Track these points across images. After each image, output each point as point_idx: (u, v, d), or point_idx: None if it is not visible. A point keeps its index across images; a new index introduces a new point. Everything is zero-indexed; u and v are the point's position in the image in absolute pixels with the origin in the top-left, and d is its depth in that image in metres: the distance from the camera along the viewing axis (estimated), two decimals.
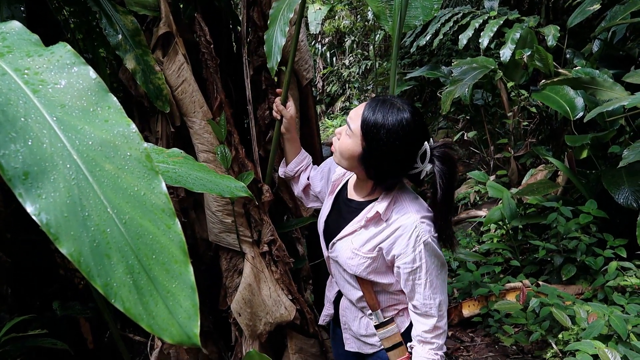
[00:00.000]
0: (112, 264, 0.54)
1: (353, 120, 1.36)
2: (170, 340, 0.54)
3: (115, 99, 0.65)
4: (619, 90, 3.13)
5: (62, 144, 0.60)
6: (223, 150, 1.69)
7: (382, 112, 1.31)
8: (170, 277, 0.56)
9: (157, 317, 0.54)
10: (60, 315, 2.16)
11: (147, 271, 0.56)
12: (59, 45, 0.71)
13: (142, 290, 0.55)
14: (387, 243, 1.39)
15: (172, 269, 0.57)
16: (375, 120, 1.30)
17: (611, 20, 3.69)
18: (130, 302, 0.54)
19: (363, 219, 1.43)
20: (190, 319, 0.55)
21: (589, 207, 3.16)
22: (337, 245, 1.48)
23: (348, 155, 1.38)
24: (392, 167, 1.36)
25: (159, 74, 1.75)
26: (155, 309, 0.54)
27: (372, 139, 1.31)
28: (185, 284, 0.56)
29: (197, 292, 0.58)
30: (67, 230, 0.54)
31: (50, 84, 0.66)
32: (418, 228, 1.35)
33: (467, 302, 3.25)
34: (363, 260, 1.42)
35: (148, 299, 0.55)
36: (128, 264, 0.55)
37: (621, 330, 2.28)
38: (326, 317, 1.73)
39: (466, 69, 3.95)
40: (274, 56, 1.66)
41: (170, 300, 0.55)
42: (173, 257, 0.57)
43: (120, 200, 0.58)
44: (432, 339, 1.42)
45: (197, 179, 0.97)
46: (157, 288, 0.55)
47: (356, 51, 9.17)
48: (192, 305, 0.55)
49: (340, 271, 1.53)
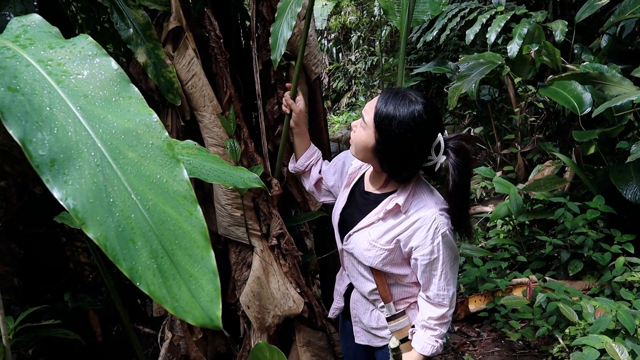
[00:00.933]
0: (137, 249, 0.56)
1: (367, 112, 1.37)
2: (193, 322, 0.55)
3: (136, 90, 0.67)
4: (628, 86, 3.12)
5: (86, 133, 0.61)
6: (232, 144, 1.70)
7: (394, 104, 1.32)
8: (193, 261, 0.58)
9: (181, 299, 0.56)
10: (71, 308, 2.19)
11: (170, 255, 0.57)
12: (81, 37, 0.72)
13: (165, 274, 0.56)
14: (406, 235, 1.41)
15: (194, 253, 0.58)
16: (387, 112, 1.31)
17: (620, 15, 3.67)
18: (154, 285, 0.55)
19: (382, 211, 1.44)
20: (213, 302, 0.56)
21: (597, 203, 3.15)
22: (354, 237, 1.49)
23: (362, 147, 1.40)
24: (405, 159, 1.37)
25: (170, 67, 1.77)
26: (178, 292, 0.56)
27: (385, 131, 1.32)
28: (207, 268, 0.58)
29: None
30: (93, 215, 0.56)
31: (73, 74, 0.68)
32: (437, 220, 1.37)
33: (473, 297, 3.26)
34: (380, 252, 1.43)
35: (171, 282, 0.56)
36: (152, 249, 0.57)
37: (629, 325, 2.28)
38: (336, 310, 1.74)
39: (473, 64, 3.94)
40: (278, 48, 1.68)
41: (193, 284, 0.57)
42: (195, 242, 0.59)
43: (143, 187, 0.60)
44: (436, 325, 1.45)
45: (212, 170, 0.99)
46: (180, 272, 0.57)
47: (362, 47, 9.15)
48: (214, 288, 0.57)
49: (354, 264, 1.54)
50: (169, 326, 1.88)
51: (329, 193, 1.78)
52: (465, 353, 2.95)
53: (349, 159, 1.67)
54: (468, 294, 3.36)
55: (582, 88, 3.43)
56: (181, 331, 1.88)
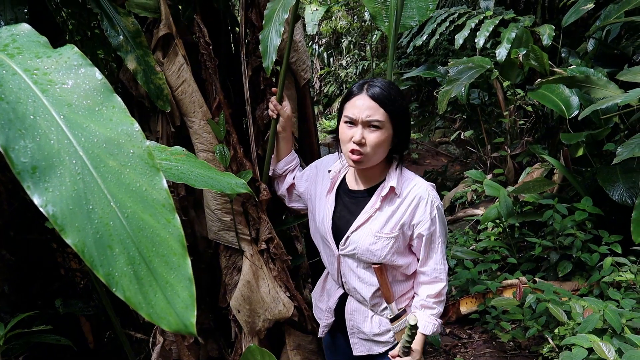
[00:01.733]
0: (114, 255, 0.58)
1: (372, 115, 1.39)
2: (167, 328, 0.57)
3: (119, 99, 0.68)
4: (613, 89, 3.17)
5: (68, 141, 0.63)
6: (222, 149, 1.72)
7: (384, 88, 1.40)
8: (169, 268, 0.59)
9: (156, 306, 0.57)
10: (62, 314, 2.19)
11: (147, 262, 0.59)
12: (67, 47, 0.74)
13: (142, 281, 0.58)
14: (407, 216, 1.46)
15: (171, 261, 0.60)
16: (390, 96, 1.40)
17: (605, 19, 3.72)
18: (130, 291, 0.57)
19: (377, 201, 1.48)
20: (187, 309, 0.58)
21: (585, 204, 3.19)
22: (353, 237, 1.50)
23: (385, 145, 1.44)
24: (409, 124, 1.52)
25: (160, 74, 1.78)
26: (154, 298, 0.58)
27: (397, 113, 1.42)
28: (183, 275, 0.60)
29: (195, 285, 0.61)
30: (73, 221, 0.57)
31: (58, 84, 0.69)
32: (431, 194, 1.47)
33: (464, 300, 3.28)
34: (387, 242, 1.46)
35: (147, 288, 0.58)
36: (129, 255, 0.58)
37: (615, 324, 2.31)
38: (325, 328, 1.72)
39: (462, 68, 3.99)
40: (269, 56, 1.70)
41: (169, 291, 0.59)
42: (172, 249, 0.60)
43: (123, 195, 0.61)
44: (434, 304, 1.50)
45: (199, 175, 1.00)
46: (156, 279, 0.59)
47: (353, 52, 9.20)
48: (190, 295, 0.59)
49: (354, 267, 1.54)
50: (160, 330, 1.89)
51: (299, 198, 1.81)
52: (457, 355, 2.97)
53: (322, 169, 1.69)
54: (459, 296, 3.38)
55: (569, 91, 3.47)
56: (172, 335, 1.89)
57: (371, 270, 1.51)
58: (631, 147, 2.82)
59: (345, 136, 1.44)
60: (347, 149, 1.44)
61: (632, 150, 2.79)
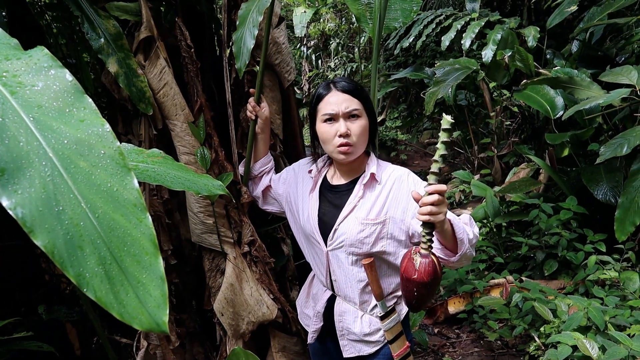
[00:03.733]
0: (85, 255, 0.57)
1: (350, 105, 1.47)
2: (140, 328, 0.57)
3: (90, 100, 0.68)
4: (596, 89, 3.21)
5: (38, 143, 0.62)
6: (202, 152, 1.72)
7: (349, 82, 1.51)
8: (141, 268, 0.59)
9: (128, 305, 0.57)
10: (46, 320, 2.17)
11: (118, 262, 0.59)
12: (37, 49, 0.73)
13: (113, 280, 0.58)
14: (391, 199, 1.49)
15: (142, 260, 0.60)
16: (357, 87, 1.50)
17: (589, 21, 3.78)
18: (101, 292, 0.57)
19: (360, 190, 1.51)
20: (160, 308, 0.58)
21: (570, 204, 3.23)
22: (340, 229, 1.51)
23: (366, 132, 1.51)
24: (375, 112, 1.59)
25: (142, 76, 1.77)
26: (125, 298, 0.57)
27: (366, 101, 1.51)
28: (155, 274, 0.60)
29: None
30: (42, 223, 0.57)
31: (28, 86, 0.69)
32: (411, 174, 1.52)
33: (452, 299, 3.30)
34: (374, 228, 1.47)
35: (119, 288, 0.58)
36: (100, 256, 0.58)
37: (599, 322, 2.34)
38: (314, 333, 1.70)
39: (449, 70, 4.02)
40: (242, 57, 1.71)
41: (141, 290, 0.58)
42: (144, 249, 0.60)
43: (93, 195, 0.61)
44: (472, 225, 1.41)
45: (176, 177, 1.00)
46: (128, 278, 0.58)
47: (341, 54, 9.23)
48: (162, 294, 0.59)
49: (344, 262, 1.53)
50: (144, 335, 1.88)
51: (274, 201, 1.82)
52: (445, 354, 2.98)
53: (301, 171, 1.71)
54: (447, 296, 3.40)
55: (554, 92, 3.52)
56: (157, 340, 1.88)
57: (360, 266, 1.52)
58: (614, 146, 2.86)
59: (328, 134, 1.48)
60: (334, 145, 1.47)
61: (614, 150, 2.83)
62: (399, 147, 7.39)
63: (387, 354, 1.58)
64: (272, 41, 1.95)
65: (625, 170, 3.12)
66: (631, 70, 2.91)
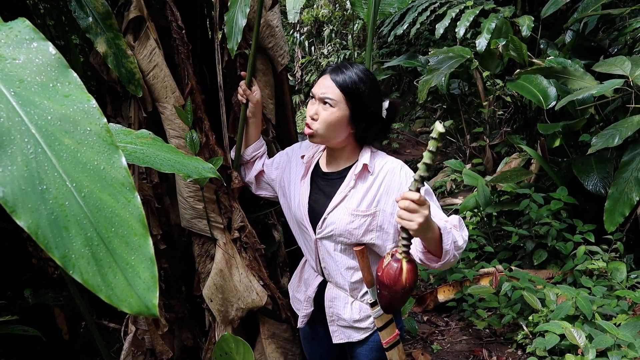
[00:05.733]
0: (71, 236, 0.55)
1: (328, 92, 1.44)
2: (129, 311, 0.55)
3: (75, 75, 0.65)
4: (589, 80, 3.21)
5: (20, 119, 0.59)
6: (191, 135, 1.68)
7: (349, 71, 1.44)
8: (130, 249, 0.57)
9: (116, 288, 0.55)
10: (32, 304, 2.13)
11: (106, 243, 0.56)
12: (18, 21, 0.70)
13: (100, 262, 0.55)
14: (382, 191, 1.47)
15: (131, 241, 0.57)
16: (351, 79, 1.43)
17: (583, 12, 3.77)
18: (88, 274, 0.54)
19: (351, 179, 1.49)
20: (149, 290, 0.56)
21: (560, 194, 3.24)
22: (330, 219, 1.50)
23: (337, 124, 1.45)
24: (376, 113, 1.48)
25: (131, 57, 1.73)
26: (114, 280, 0.55)
27: (356, 95, 1.43)
28: (144, 256, 0.57)
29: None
30: (25, 203, 0.54)
31: (9, 59, 0.65)
32: (403, 167, 1.49)
33: (442, 288, 3.32)
34: (363, 220, 1.46)
35: (107, 270, 0.55)
36: (87, 236, 0.56)
37: (587, 311, 2.37)
38: (305, 317, 1.70)
39: (442, 58, 3.99)
40: (234, 37, 1.68)
41: (129, 272, 0.56)
42: (132, 229, 0.58)
43: (79, 174, 0.58)
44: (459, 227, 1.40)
45: (165, 159, 0.97)
46: (116, 260, 0.56)
47: (335, 40, 9.15)
48: (151, 276, 0.56)
49: (333, 251, 1.53)
50: (132, 319, 1.86)
51: (267, 186, 1.80)
52: (434, 342, 3.00)
53: (294, 155, 1.69)
54: (437, 284, 3.42)
55: (547, 82, 3.51)
56: (145, 325, 1.86)
57: (350, 253, 1.51)
58: (605, 137, 2.87)
59: (306, 112, 1.51)
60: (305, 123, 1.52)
61: (606, 141, 2.84)
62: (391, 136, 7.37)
63: (376, 341, 1.58)
64: (265, 24, 1.91)
65: (616, 162, 3.14)
66: (625, 61, 2.91)
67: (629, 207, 2.80)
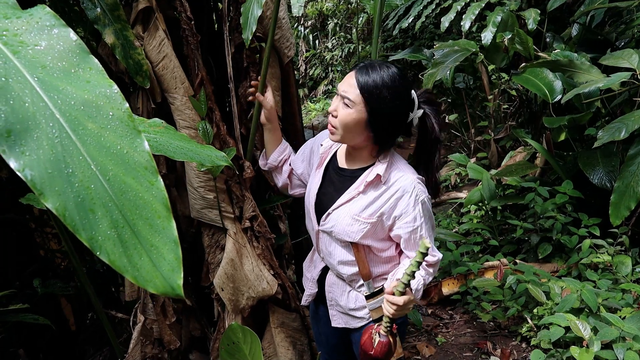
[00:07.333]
0: (97, 219, 0.56)
1: (349, 91, 1.39)
2: (154, 291, 0.56)
3: (96, 61, 0.66)
4: (596, 73, 3.20)
5: (44, 104, 0.60)
6: (204, 126, 1.69)
7: (375, 74, 1.36)
8: (154, 231, 0.58)
9: (142, 269, 0.56)
10: (40, 294, 2.15)
11: (130, 225, 0.57)
12: (38, 7, 0.71)
13: (126, 244, 0.56)
14: (388, 206, 1.45)
15: (155, 223, 0.58)
16: (374, 83, 1.36)
17: (589, 5, 3.74)
18: (115, 255, 0.55)
19: (362, 185, 1.47)
20: (174, 271, 0.57)
21: (565, 188, 3.24)
22: (333, 215, 1.50)
23: (353, 125, 1.41)
24: (397, 121, 1.43)
25: (139, 49, 1.74)
26: (139, 261, 0.56)
27: (376, 100, 1.37)
28: (168, 237, 0.58)
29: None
30: (52, 185, 0.55)
31: (30, 45, 0.66)
32: (416, 189, 1.44)
33: (446, 281, 3.32)
34: (363, 226, 1.46)
35: (132, 251, 0.56)
36: (112, 219, 0.57)
37: (592, 303, 2.37)
38: (309, 297, 1.73)
39: (448, 51, 3.97)
40: (249, 27, 1.67)
41: (154, 254, 0.57)
42: (156, 212, 0.59)
43: (103, 157, 0.59)
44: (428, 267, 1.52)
45: (178, 147, 0.98)
46: (140, 242, 0.57)
47: (339, 34, 9.13)
48: (175, 258, 0.57)
49: (331, 244, 1.54)
50: (141, 309, 1.87)
51: (300, 182, 1.78)
52: (439, 335, 3.02)
53: (316, 144, 1.68)
54: (441, 277, 3.42)
55: (553, 75, 3.50)
56: (154, 314, 1.88)
57: (348, 249, 1.52)
58: (611, 131, 2.86)
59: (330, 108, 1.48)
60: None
61: (612, 134, 2.84)
62: None
63: None
64: (271, 15, 1.92)
65: (622, 155, 3.13)
66: (632, 54, 2.90)
67: (634, 200, 2.79)
